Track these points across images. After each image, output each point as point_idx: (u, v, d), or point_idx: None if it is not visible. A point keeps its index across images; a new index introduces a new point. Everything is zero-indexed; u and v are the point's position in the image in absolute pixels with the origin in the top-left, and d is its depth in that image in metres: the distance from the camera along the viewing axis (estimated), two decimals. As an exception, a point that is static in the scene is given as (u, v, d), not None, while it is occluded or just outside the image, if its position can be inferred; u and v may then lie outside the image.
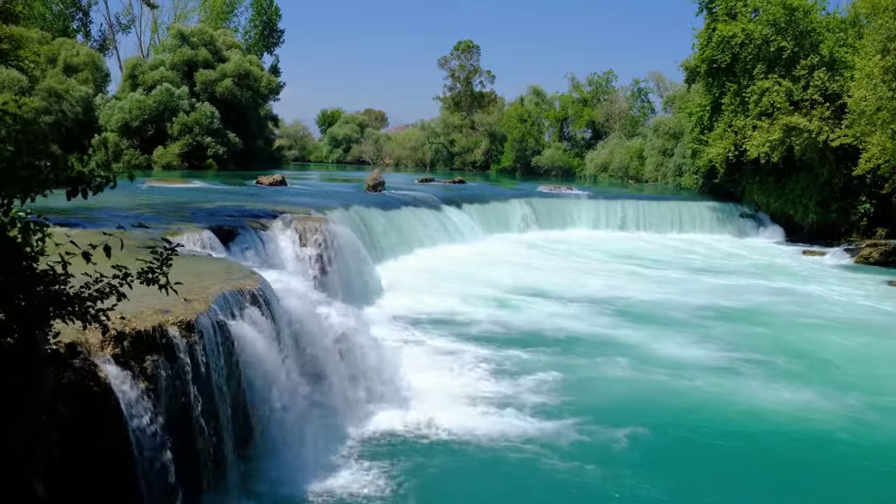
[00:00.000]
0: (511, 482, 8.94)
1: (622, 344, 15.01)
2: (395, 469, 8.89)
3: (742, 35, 33.77)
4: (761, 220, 36.58)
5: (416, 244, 24.88)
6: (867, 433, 10.73)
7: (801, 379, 13.04)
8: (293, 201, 22.40)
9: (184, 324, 7.35)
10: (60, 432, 5.31)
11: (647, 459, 9.59)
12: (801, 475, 9.56)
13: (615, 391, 12.18)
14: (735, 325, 17.12)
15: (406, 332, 15.08)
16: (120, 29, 72.70)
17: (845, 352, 15.17)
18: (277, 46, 76.48)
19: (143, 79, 52.46)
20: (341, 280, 16.61)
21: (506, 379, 12.38)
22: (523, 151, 72.73)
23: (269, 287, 9.69)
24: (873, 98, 27.81)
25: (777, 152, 32.71)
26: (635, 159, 60.55)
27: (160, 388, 6.91)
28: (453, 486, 8.88)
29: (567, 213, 35.52)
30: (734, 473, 9.47)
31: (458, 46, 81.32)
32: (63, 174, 4.86)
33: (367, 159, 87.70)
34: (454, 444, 9.72)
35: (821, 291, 22.21)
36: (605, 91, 74.51)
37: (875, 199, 32.41)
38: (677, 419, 11.03)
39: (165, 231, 13.52)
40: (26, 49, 33.28)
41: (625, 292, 20.50)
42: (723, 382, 12.73)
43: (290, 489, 8.24)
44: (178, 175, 41.07)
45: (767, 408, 11.55)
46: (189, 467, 7.21)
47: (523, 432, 10.10)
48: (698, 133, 39.05)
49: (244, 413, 8.30)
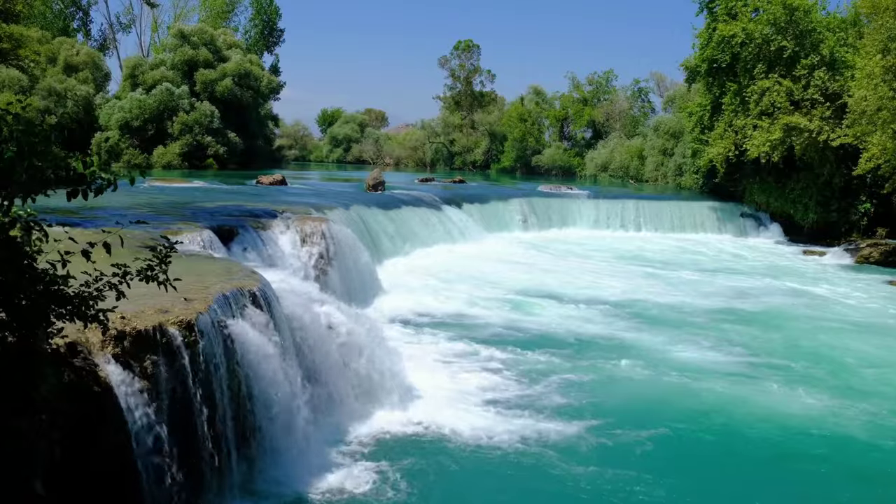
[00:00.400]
0: (512, 484, 8.92)
1: (631, 346, 14.92)
2: (396, 470, 8.88)
3: (742, 35, 33.75)
4: (762, 220, 36.56)
5: (417, 244, 24.88)
6: (886, 437, 10.65)
7: (819, 383, 12.92)
8: (293, 201, 22.40)
9: (184, 323, 7.35)
10: (61, 432, 5.32)
11: (661, 464, 9.53)
12: (819, 479, 9.47)
13: (628, 394, 12.08)
14: (748, 328, 17.01)
15: (406, 332, 15.07)
16: (120, 28, 72.84)
17: (861, 355, 15.02)
18: (278, 46, 76.76)
19: (143, 78, 52.50)
20: (341, 280, 16.61)
21: (508, 380, 12.35)
22: (523, 151, 72.73)
23: (270, 287, 9.69)
24: (874, 98, 27.79)
25: (777, 152, 32.69)
26: (635, 159, 60.54)
27: (160, 388, 6.91)
28: (453, 487, 8.87)
29: (567, 212, 35.52)
30: (756, 478, 9.40)
31: (458, 46, 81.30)
32: (64, 175, 4.86)
33: (367, 159, 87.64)
34: (454, 444, 9.71)
35: (828, 293, 22.08)
36: (605, 91, 74.48)
37: (875, 198, 32.38)
38: (694, 422, 10.94)
39: (166, 231, 13.52)
40: (27, 48, 33.28)
41: (623, 291, 20.51)
42: (740, 386, 12.61)
43: (290, 489, 8.24)
44: (179, 174, 41.09)
45: (785, 412, 11.48)
46: (189, 467, 7.21)
47: (526, 434, 10.08)
48: (699, 133, 39.03)
49: (244, 413, 8.30)
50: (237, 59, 55.03)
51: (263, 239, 15.89)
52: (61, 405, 5.56)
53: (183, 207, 18.84)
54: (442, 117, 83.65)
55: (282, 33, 76.72)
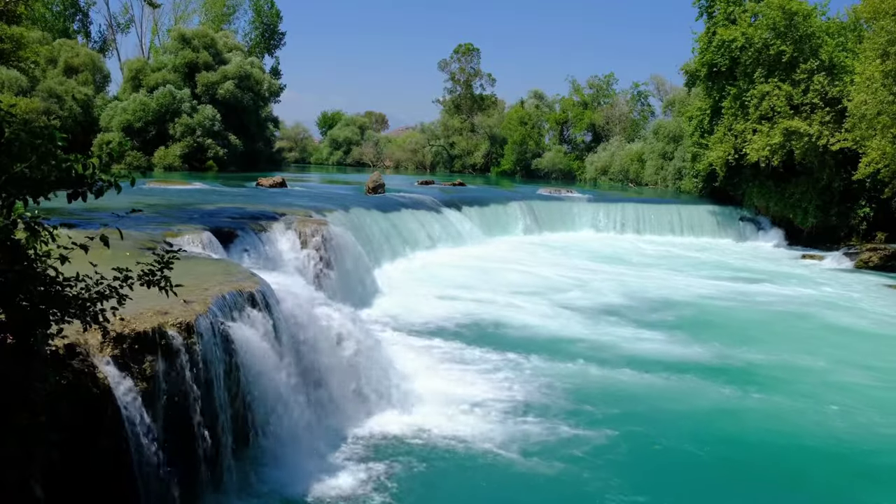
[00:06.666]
0: (509, 486, 8.93)
1: (626, 347, 14.96)
2: (394, 471, 8.89)
3: (742, 39, 33.82)
4: (761, 224, 36.57)
5: (416, 247, 24.88)
6: (887, 441, 10.68)
7: (817, 387, 12.96)
8: (293, 203, 22.41)
9: (183, 325, 7.35)
10: (59, 433, 5.31)
11: (671, 469, 9.56)
12: (820, 480, 9.49)
13: (628, 397, 12.07)
14: (748, 330, 17.04)
15: (404, 334, 15.07)
16: (119, 29, 72.85)
17: (861, 357, 15.06)
18: (278, 49, 76.67)
19: (145, 81, 52.57)
20: (341, 282, 16.62)
21: (506, 383, 12.35)
22: (523, 154, 72.67)
23: (269, 288, 9.70)
24: (873, 102, 27.82)
25: (777, 156, 32.73)
26: (635, 163, 60.50)
27: (159, 390, 6.91)
28: (452, 489, 8.89)
29: (567, 216, 35.54)
30: (753, 483, 9.42)
31: (458, 49, 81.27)
32: (65, 176, 4.87)
33: (367, 161, 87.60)
34: (453, 446, 9.71)
35: (827, 297, 22.08)
36: (605, 94, 74.45)
37: (875, 203, 32.40)
38: (694, 426, 10.97)
39: (165, 232, 13.54)
40: (27, 50, 33.29)
41: (626, 294, 20.52)
42: (735, 390, 12.61)
43: (288, 490, 8.25)
44: (179, 176, 41.09)
45: (778, 416, 11.50)
46: (188, 468, 7.21)
47: (525, 436, 10.09)
48: (698, 137, 39.07)
49: (243, 414, 8.31)
50: (238, 62, 55.07)
51: (263, 241, 15.90)
52: (60, 407, 5.55)
53: (183, 209, 18.85)
54: (442, 120, 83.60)
55: (282, 36, 76.78)
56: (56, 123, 44.17)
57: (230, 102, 53.71)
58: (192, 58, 53.84)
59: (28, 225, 4.93)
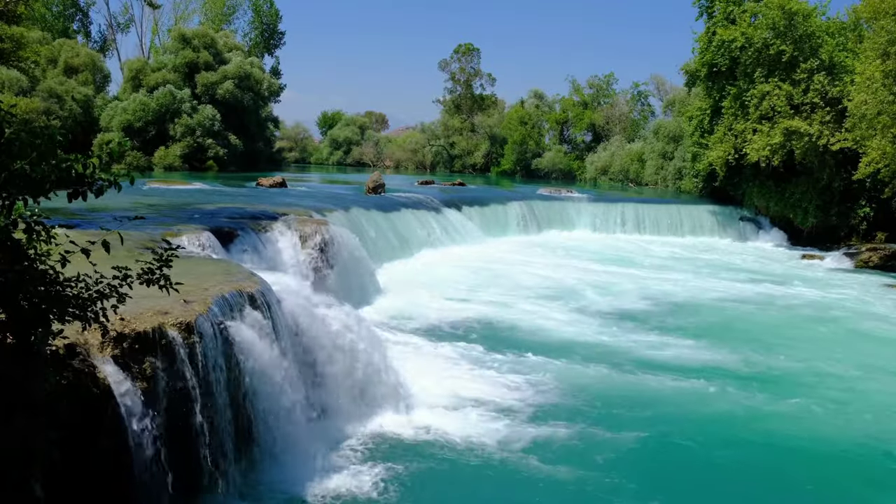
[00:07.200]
0: (508, 487, 8.92)
1: (629, 351, 14.87)
2: (395, 472, 8.88)
3: (742, 39, 33.80)
4: (761, 224, 36.56)
5: (416, 246, 24.88)
6: (887, 443, 10.62)
7: (816, 387, 12.89)
8: (293, 203, 22.40)
9: (183, 325, 7.35)
10: (59, 433, 5.31)
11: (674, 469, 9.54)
12: (820, 482, 9.45)
13: (626, 398, 12.01)
14: (747, 330, 16.99)
15: (405, 335, 15.06)
16: (119, 29, 72.83)
17: (861, 359, 14.98)
18: (278, 48, 76.62)
19: (145, 81, 52.58)
20: (341, 282, 16.61)
21: (507, 383, 12.33)
22: (524, 154, 72.65)
23: (269, 288, 9.69)
24: (874, 102, 27.80)
25: (777, 156, 32.72)
26: (635, 162, 60.49)
27: (159, 390, 6.91)
28: (452, 489, 8.87)
29: (567, 215, 35.52)
30: (750, 483, 9.40)
31: (458, 49, 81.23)
32: (65, 175, 4.86)
33: (367, 161, 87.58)
34: (453, 446, 9.70)
35: (827, 297, 22.00)
36: (605, 94, 74.42)
37: (875, 203, 32.38)
38: (694, 427, 10.90)
39: (165, 232, 13.53)
40: (27, 49, 33.28)
41: (625, 294, 20.51)
42: (736, 390, 12.58)
43: (289, 490, 8.24)
44: (179, 176, 41.09)
45: (778, 416, 11.47)
46: (188, 468, 7.21)
47: (525, 437, 10.08)
48: (698, 136, 39.06)
49: (243, 414, 8.30)
50: (238, 62, 55.07)
51: (263, 241, 15.90)
52: (60, 406, 5.55)
53: (183, 209, 18.84)
54: (442, 120, 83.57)
55: (282, 36, 76.73)
56: (56, 123, 44.17)
57: (230, 102, 53.71)
58: (192, 58, 53.85)
59: (28, 225, 4.93)
